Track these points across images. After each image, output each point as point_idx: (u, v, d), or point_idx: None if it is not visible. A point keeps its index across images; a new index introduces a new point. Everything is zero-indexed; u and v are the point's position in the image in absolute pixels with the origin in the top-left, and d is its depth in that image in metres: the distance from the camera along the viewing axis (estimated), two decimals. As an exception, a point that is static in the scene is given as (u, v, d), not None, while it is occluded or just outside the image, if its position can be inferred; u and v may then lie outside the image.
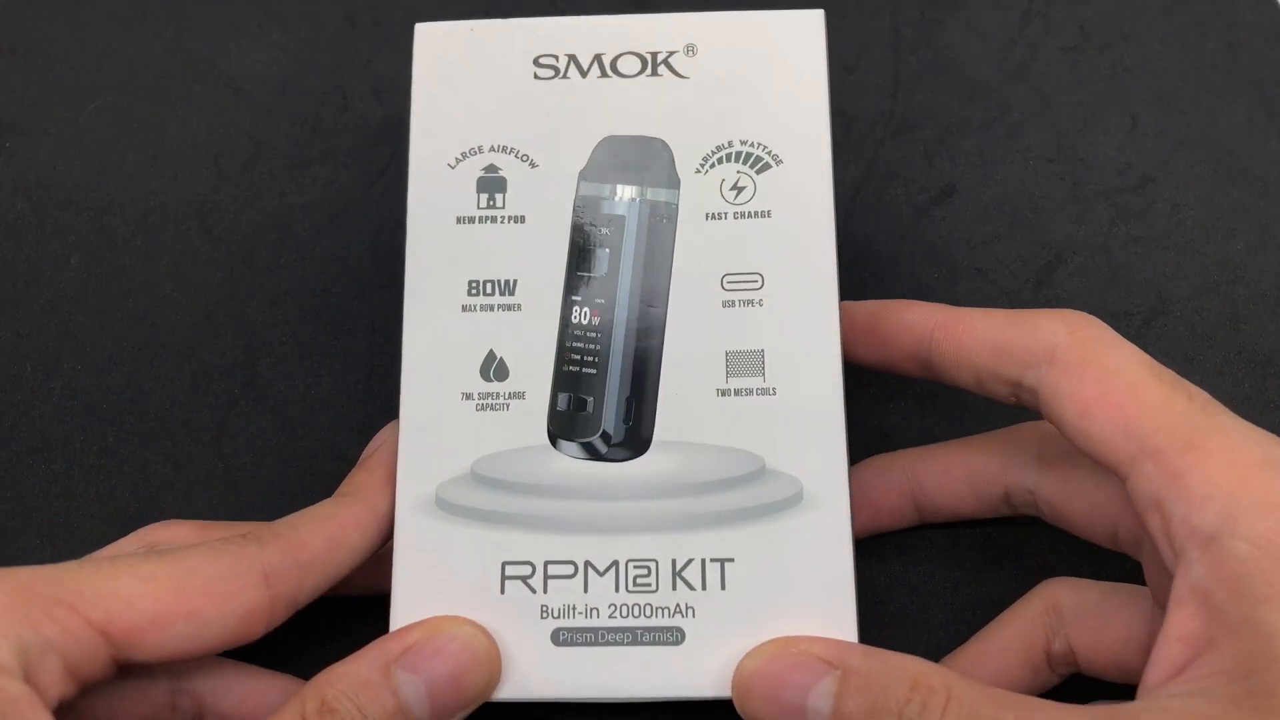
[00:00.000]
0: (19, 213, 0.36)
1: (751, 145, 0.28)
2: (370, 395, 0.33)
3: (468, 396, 0.27)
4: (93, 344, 0.34)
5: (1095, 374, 0.25)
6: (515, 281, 0.28)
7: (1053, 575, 0.29)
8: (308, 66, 0.37)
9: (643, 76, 0.29)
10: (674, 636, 0.26)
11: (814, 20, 0.29)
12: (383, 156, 0.36)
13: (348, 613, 0.29)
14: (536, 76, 0.29)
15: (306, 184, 0.36)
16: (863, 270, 0.35)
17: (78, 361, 0.34)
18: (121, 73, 0.37)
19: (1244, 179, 0.36)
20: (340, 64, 0.37)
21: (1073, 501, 0.28)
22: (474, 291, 0.28)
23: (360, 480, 0.28)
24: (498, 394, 0.27)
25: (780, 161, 0.28)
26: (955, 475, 0.29)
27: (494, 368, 0.27)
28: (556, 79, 0.29)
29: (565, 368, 0.28)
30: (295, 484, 0.33)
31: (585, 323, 0.28)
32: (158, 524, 0.29)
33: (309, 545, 0.26)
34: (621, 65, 0.29)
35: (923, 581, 0.31)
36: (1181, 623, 0.23)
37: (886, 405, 0.33)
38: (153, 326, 0.34)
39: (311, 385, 0.34)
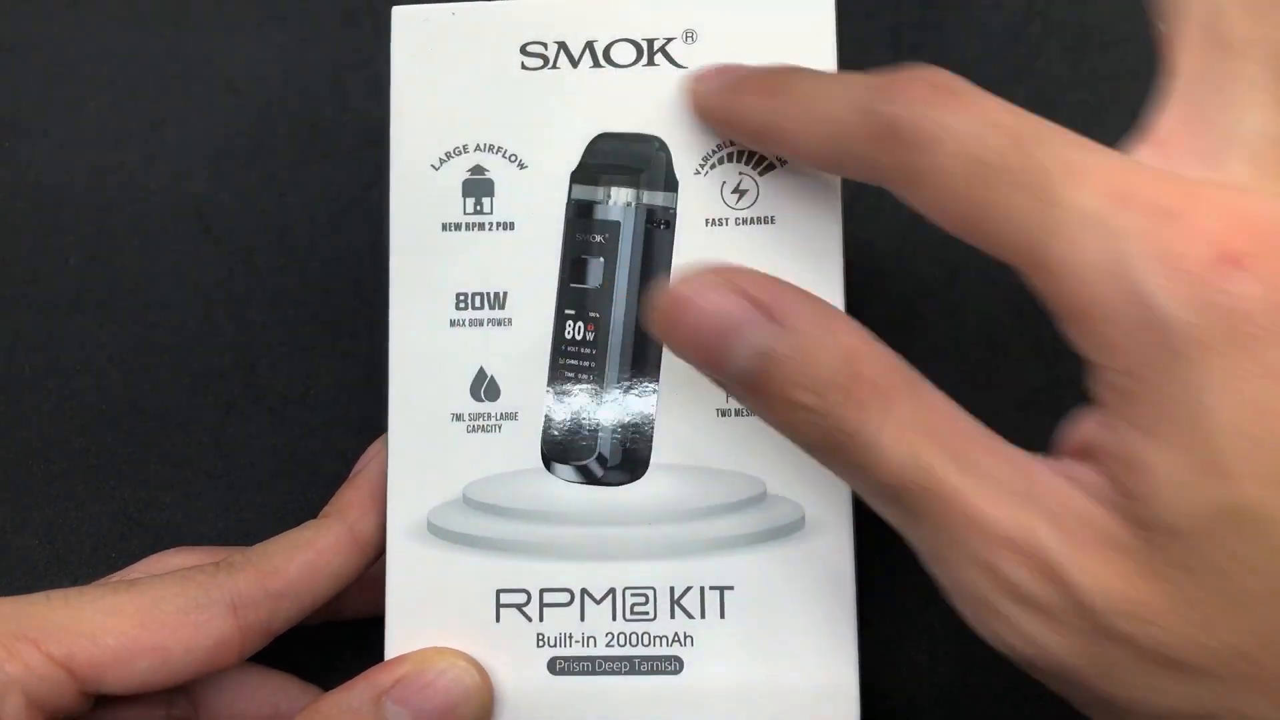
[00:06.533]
0: (17, 212, 0.34)
1: None
2: (370, 395, 0.32)
3: (458, 417, 0.26)
4: (92, 344, 0.33)
5: None
6: (505, 294, 0.26)
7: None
8: (308, 66, 0.35)
9: (638, 66, 0.26)
10: (673, 666, 0.25)
11: (824, 6, 0.26)
12: (383, 156, 0.34)
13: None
14: (524, 66, 0.26)
15: (306, 184, 0.34)
16: (863, 271, 0.34)
17: (77, 362, 0.33)
18: (120, 72, 0.35)
19: (1244, 179, 0.36)
20: (340, 64, 0.35)
21: None
22: (462, 305, 0.26)
23: (346, 499, 0.26)
24: (489, 414, 0.26)
25: (784, 161, 0.25)
26: None
27: (485, 386, 0.26)
28: (545, 69, 0.26)
29: (559, 386, 0.26)
30: (295, 484, 0.32)
31: (579, 338, 0.26)
32: (166, 551, 0.28)
33: (283, 573, 0.25)
34: (615, 54, 0.26)
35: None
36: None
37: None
38: (151, 326, 0.33)
39: (311, 385, 0.33)
